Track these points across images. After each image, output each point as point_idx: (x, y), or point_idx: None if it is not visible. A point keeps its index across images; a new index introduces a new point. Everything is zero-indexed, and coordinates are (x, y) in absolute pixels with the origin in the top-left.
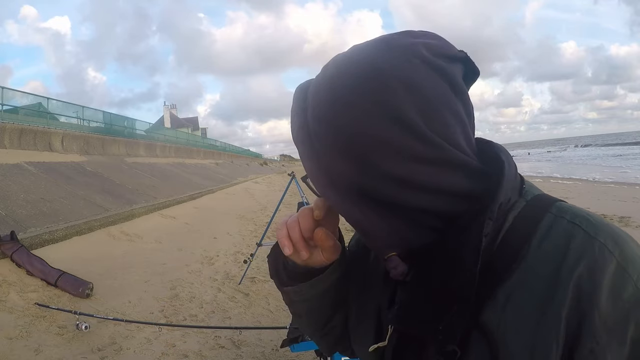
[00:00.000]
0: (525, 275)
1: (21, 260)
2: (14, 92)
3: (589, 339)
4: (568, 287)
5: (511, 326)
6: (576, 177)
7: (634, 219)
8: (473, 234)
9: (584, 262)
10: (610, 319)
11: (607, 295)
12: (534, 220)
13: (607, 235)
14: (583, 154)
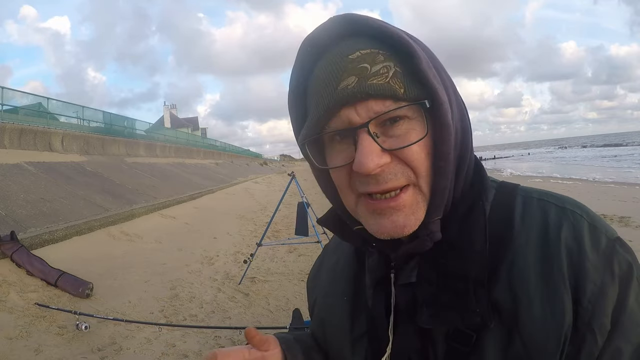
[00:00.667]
0: (518, 252)
1: (21, 260)
2: (14, 92)
3: (590, 283)
4: (560, 250)
5: (524, 297)
6: (576, 177)
7: (634, 219)
8: (478, 219)
9: (564, 227)
10: (598, 264)
11: (590, 248)
12: (508, 205)
13: (573, 204)
14: (579, 154)
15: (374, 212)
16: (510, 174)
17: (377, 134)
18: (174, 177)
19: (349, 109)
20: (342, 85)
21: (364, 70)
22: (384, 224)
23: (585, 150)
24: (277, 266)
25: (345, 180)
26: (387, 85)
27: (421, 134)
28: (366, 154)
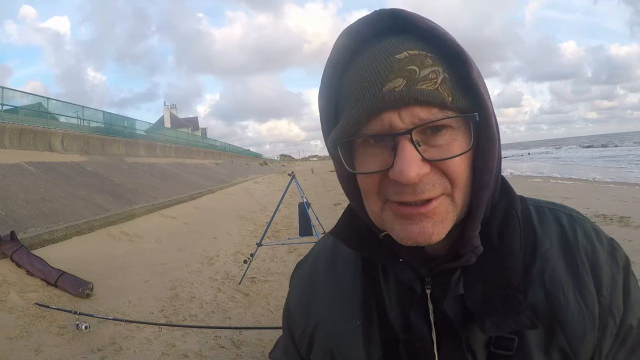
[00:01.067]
0: (545, 255)
1: (21, 260)
2: (14, 92)
3: (605, 275)
4: (580, 250)
5: (560, 294)
6: (576, 177)
7: (634, 219)
8: (515, 227)
9: (578, 231)
10: (608, 259)
11: (599, 246)
12: (528, 214)
13: (576, 212)
14: (576, 155)
15: (403, 217)
16: (510, 174)
17: (418, 142)
18: (174, 177)
19: (393, 112)
20: (389, 87)
21: (413, 73)
22: (412, 229)
23: (581, 151)
24: (277, 266)
25: (375, 186)
26: (435, 92)
27: (465, 145)
28: (408, 163)
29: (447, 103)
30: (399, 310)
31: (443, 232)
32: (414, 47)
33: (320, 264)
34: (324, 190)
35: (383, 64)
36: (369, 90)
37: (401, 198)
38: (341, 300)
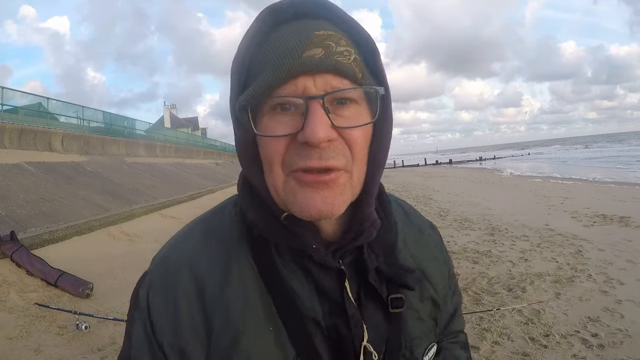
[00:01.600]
0: (402, 229)
1: (21, 260)
2: (14, 92)
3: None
4: (420, 224)
5: (423, 258)
6: (576, 177)
7: (634, 219)
8: (389, 202)
9: (410, 210)
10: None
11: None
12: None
13: (405, 203)
14: (571, 156)
15: (305, 185)
16: (510, 174)
17: (328, 109)
18: (174, 177)
19: (308, 77)
20: (308, 54)
21: (330, 47)
22: (314, 198)
23: (576, 152)
24: None
25: (281, 153)
26: (349, 66)
27: (367, 119)
28: (319, 123)
29: (357, 78)
30: (318, 296)
31: (343, 206)
32: (331, 29)
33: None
34: None
35: (303, 36)
36: (288, 55)
37: (307, 163)
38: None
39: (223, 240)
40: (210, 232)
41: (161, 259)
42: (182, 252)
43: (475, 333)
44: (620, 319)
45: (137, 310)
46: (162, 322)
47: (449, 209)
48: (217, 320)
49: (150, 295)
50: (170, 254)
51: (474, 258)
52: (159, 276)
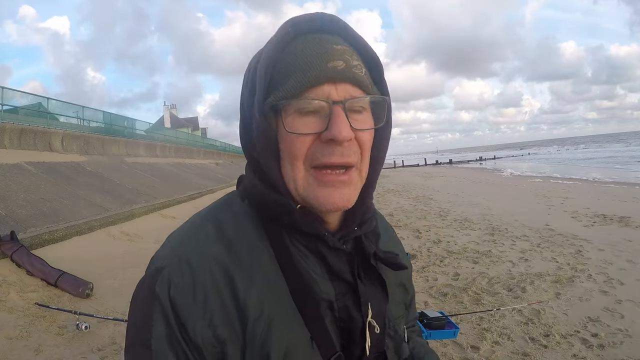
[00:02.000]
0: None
1: (21, 260)
2: (14, 92)
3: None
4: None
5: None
6: (576, 177)
7: (634, 219)
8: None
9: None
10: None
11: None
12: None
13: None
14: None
15: (326, 184)
16: (510, 174)
17: (347, 114)
18: (174, 177)
19: (331, 85)
20: (332, 65)
21: (348, 61)
22: (334, 195)
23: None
24: None
25: (304, 150)
26: (364, 78)
27: (372, 125)
28: (343, 124)
29: (368, 89)
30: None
31: (355, 199)
32: (345, 45)
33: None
34: None
35: (326, 48)
36: (315, 64)
37: (330, 159)
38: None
39: (239, 231)
40: (225, 224)
41: (176, 254)
42: (199, 246)
43: (475, 333)
44: (620, 319)
45: (155, 304)
46: (192, 316)
47: (449, 209)
48: (251, 309)
49: (172, 290)
50: (185, 249)
51: (474, 258)
52: (179, 271)
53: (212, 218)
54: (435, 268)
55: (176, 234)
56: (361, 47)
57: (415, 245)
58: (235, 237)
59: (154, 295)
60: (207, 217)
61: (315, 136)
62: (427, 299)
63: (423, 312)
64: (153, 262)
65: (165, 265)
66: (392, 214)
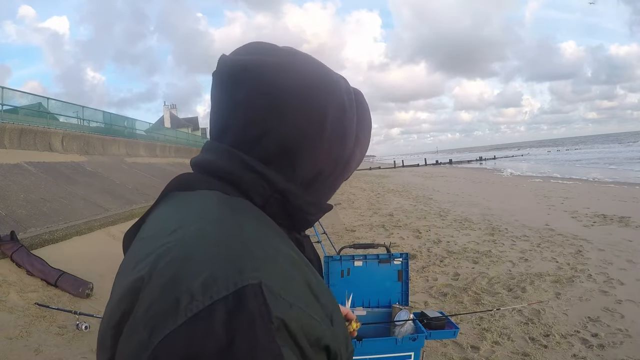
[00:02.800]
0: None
1: (21, 260)
2: (13, 92)
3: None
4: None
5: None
6: (576, 177)
7: (634, 219)
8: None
9: None
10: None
11: None
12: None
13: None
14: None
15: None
16: (510, 174)
17: None
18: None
19: None
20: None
21: None
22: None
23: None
24: None
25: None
26: None
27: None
28: None
29: None
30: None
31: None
32: None
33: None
34: None
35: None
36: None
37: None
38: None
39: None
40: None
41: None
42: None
43: (475, 333)
44: (620, 319)
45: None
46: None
47: (449, 209)
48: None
49: (294, 314)
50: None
51: (474, 258)
52: (285, 286)
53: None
54: (435, 268)
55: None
56: None
57: (415, 245)
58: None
59: (271, 325)
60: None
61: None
62: (427, 299)
63: (423, 312)
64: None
65: (262, 277)
66: (392, 214)
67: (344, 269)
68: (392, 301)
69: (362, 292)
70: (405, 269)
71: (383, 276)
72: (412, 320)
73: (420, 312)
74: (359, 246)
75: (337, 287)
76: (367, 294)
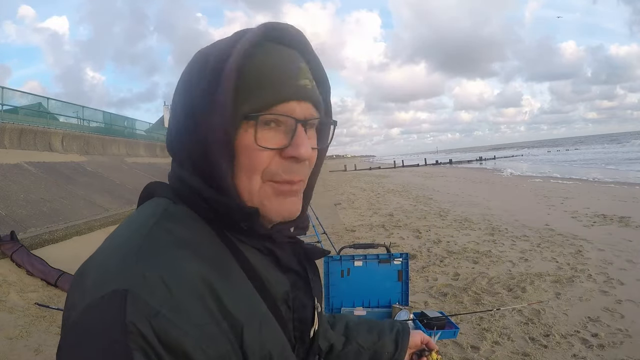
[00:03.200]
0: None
1: (21, 260)
2: (13, 92)
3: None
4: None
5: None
6: (576, 177)
7: (634, 219)
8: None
9: None
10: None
11: None
12: None
13: None
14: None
15: (281, 194)
16: (510, 174)
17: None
18: None
19: (297, 103)
20: (302, 83)
21: (311, 80)
22: (286, 204)
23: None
24: None
25: (265, 164)
26: (320, 99)
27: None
28: (305, 143)
29: (321, 110)
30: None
31: (300, 209)
32: (306, 64)
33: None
34: (323, 190)
35: (295, 66)
36: (290, 80)
37: (291, 177)
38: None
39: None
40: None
41: (138, 272)
42: (164, 259)
43: (475, 333)
44: (620, 319)
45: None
46: (187, 344)
47: (449, 209)
48: (239, 316)
49: (151, 318)
50: (144, 264)
51: (474, 258)
52: (152, 291)
53: (154, 225)
54: (435, 268)
55: (113, 250)
56: (318, 67)
57: (415, 245)
58: (197, 242)
59: (125, 329)
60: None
61: (277, 151)
62: (427, 299)
63: (423, 312)
64: (96, 286)
65: (128, 285)
66: (392, 214)
67: (344, 269)
68: (392, 301)
69: (362, 292)
70: (405, 269)
71: (383, 276)
72: (412, 320)
73: (420, 312)
74: (359, 246)
75: (337, 287)
76: (367, 294)
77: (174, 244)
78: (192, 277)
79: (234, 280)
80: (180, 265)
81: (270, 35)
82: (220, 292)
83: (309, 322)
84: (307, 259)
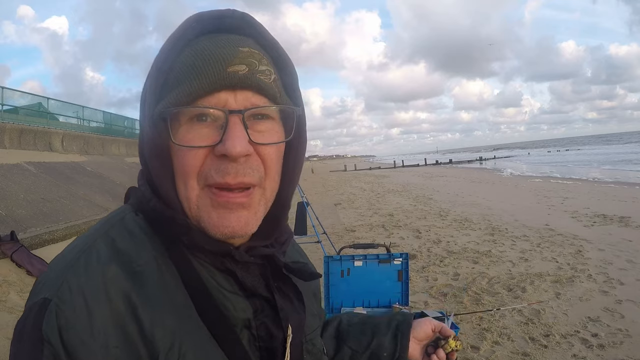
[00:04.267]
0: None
1: (21, 260)
2: (13, 92)
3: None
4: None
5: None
6: (576, 177)
7: (634, 219)
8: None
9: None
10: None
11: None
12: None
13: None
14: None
15: (220, 205)
16: (510, 174)
17: (247, 125)
18: None
19: (230, 93)
20: (233, 69)
21: (254, 65)
22: (229, 218)
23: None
24: None
25: (197, 165)
26: (270, 85)
27: (282, 137)
28: (238, 137)
29: (276, 97)
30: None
31: (256, 225)
32: (255, 48)
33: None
34: (323, 190)
35: (228, 50)
36: (213, 68)
37: (224, 179)
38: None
39: (137, 249)
40: (120, 242)
41: (64, 281)
42: (91, 269)
43: (475, 333)
44: (620, 319)
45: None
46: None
47: (449, 209)
48: (160, 341)
49: (64, 330)
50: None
51: (474, 258)
52: (70, 302)
53: (103, 235)
54: (435, 268)
55: (61, 257)
56: (273, 50)
57: (415, 245)
58: (134, 256)
59: (41, 337)
60: (97, 235)
61: (209, 150)
62: (427, 299)
63: (423, 312)
64: (37, 291)
65: (53, 295)
66: (392, 214)
67: (344, 269)
68: (392, 301)
69: (362, 292)
70: (405, 269)
71: (383, 276)
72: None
73: (420, 312)
74: (359, 246)
75: (337, 287)
76: (367, 294)
77: (110, 259)
78: (115, 296)
79: (164, 299)
80: (105, 282)
81: (206, 25)
82: (143, 315)
83: (277, 355)
84: (284, 282)
